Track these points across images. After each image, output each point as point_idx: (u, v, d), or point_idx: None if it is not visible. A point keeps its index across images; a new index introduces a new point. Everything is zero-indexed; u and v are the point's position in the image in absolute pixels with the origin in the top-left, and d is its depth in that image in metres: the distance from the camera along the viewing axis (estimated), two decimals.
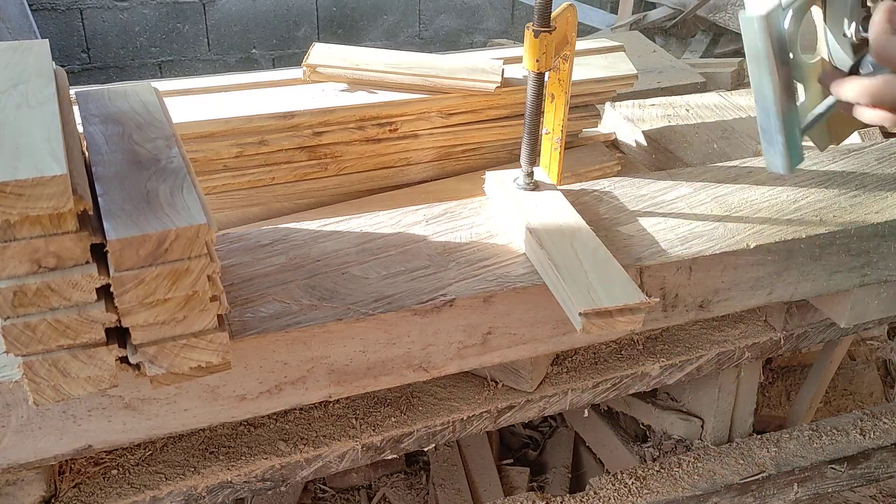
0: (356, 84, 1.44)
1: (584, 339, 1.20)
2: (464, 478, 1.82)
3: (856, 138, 1.66)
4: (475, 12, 4.90)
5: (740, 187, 1.32)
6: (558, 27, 1.12)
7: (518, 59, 1.54)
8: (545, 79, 1.15)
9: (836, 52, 1.01)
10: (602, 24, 4.33)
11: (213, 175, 1.38)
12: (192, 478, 1.12)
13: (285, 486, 1.18)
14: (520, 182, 1.21)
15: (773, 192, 1.31)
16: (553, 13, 1.10)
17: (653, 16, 4.19)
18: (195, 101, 1.37)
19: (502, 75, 1.46)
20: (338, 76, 1.44)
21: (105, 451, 1.13)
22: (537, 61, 1.10)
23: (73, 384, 0.82)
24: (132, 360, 0.83)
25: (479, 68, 1.46)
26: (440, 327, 1.05)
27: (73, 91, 1.08)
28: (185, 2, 4.28)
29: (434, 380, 1.26)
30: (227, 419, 1.01)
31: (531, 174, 1.21)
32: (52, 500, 1.07)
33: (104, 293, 0.78)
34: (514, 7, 4.94)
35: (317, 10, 4.54)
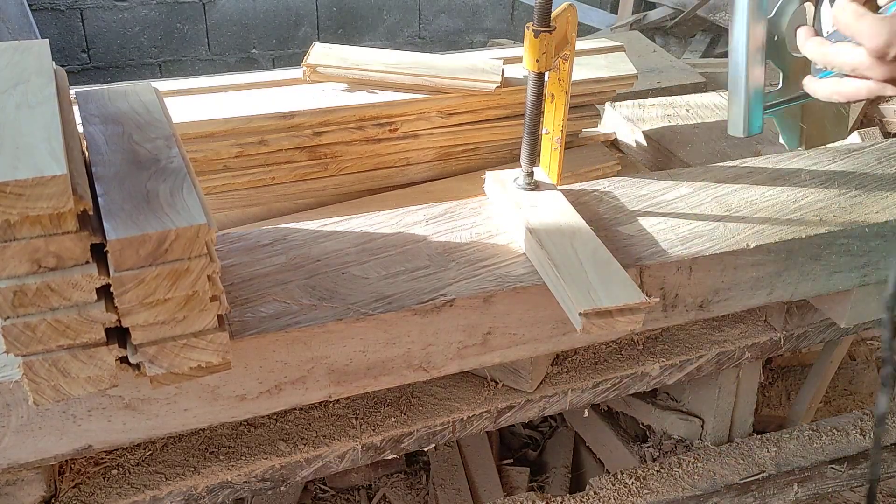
0: (356, 84, 1.44)
1: (584, 339, 1.20)
2: (464, 478, 1.82)
3: (855, 138, 1.66)
4: (475, 12, 4.90)
5: (740, 187, 1.32)
6: (558, 27, 1.12)
7: (518, 59, 1.54)
8: (545, 79, 1.15)
9: None
10: (602, 24, 4.33)
11: (213, 175, 1.38)
12: (192, 478, 1.12)
13: (285, 486, 1.18)
14: (520, 182, 1.21)
15: (773, 192, 1.31)
16: (553, 13, 1.10)
17: (653, 16, 4.20)
18: (195, 101, 1.37)
19: (502, 75, 1.46)
20: (338, 76, 1.44)
21: (105, 451, 1.13)
22: (537, 61, 1.10)
23: (73, 384, 0.82)
24: (132, 360, 0.83)
25: (479, 68, 1.46)
26: (440, 327, 1.05)
27: (73, 91, 1.08)
28: (185, 2, 4.28)
29: (434, 380, 1.26)
30: (227, 419, 1.01)
31: (531, 174, 1.21)
32: (52, 500, 1.07)
33: (104, 293, 0.78)
34: (514, 7, 4.94)
35: (317, 10, 4.54)
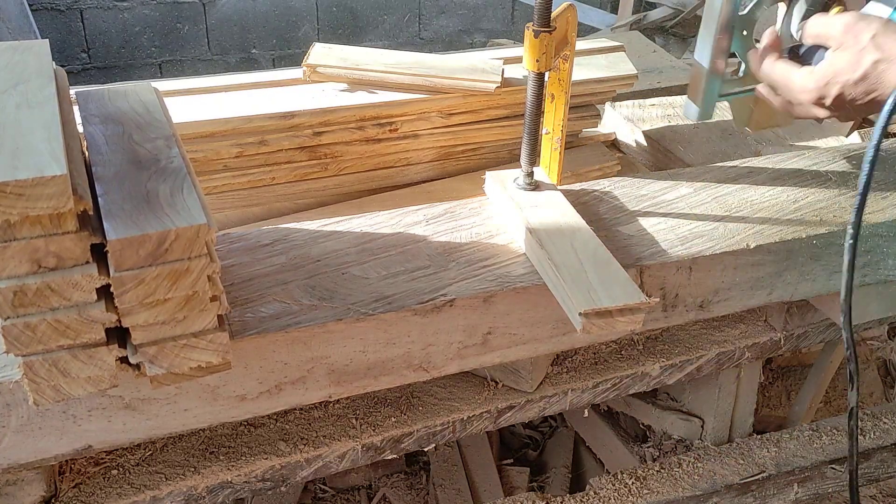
0: (356, 84, 1.44)
1: (584, 339, 1.20)
2: (464, 478, 1.82)
3: (856, 138, 1.66)
4: (475, 12, 4.90)
5: (740, 187, 1.32)
6: (558, 27, 1.12)
7: (518, 59, 1.54)
8: (545, 79, 1.15)
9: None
10: (602, 24, 4.32)
11: (213, 175, 1.38)
12: (192, 478, 1.12)
13: (285, 486, 1.18)
14: (520, 182, 1.21)
15: (773, 192, 1.31)
16: (553, 13, 1.10)
17: (653, 16, 4.19)
18: (195, 101, 1.37)
19: (502, 75, 1.46)
20: (338, 76, 1.44)
21: (105, 451, 1.13)
22: (537, 61, 1.10)
23: (74, 384, 0.82)
24: (132, 360, 0.83)
25: (479, 68, 1.46)
26: (440, 327, 1.05)
27: (73, 91, 1.08)
28: (185, 2, 4.28)
29: (434, 380, 1.26)
30: (227, 419, 1.01)
31: (531, 174, 1.21)
32: (52, 500, 1.07)
33: (104, 293, 0.78)
34: (514, 7, 4.94)
35: (317, 10, 4.54)
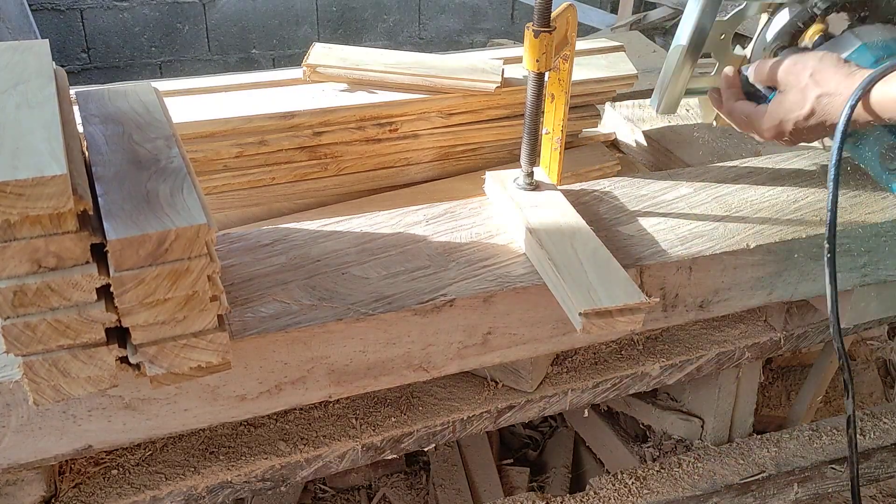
0: (356, 84, 1.44)
1: (584, 339, 1.20)
2: (464, 478, 1.82)
3: None
4: (475, 12, 4.90)
5: (740, 187, 1.32)
6: (558, 27, 1.12)
7: (518, 59, 1.54)
8: (545, 79, 1.15)
9: (754, 57, 1.30)
10: (602, 24, 4.32)
11: (213, 175, 1.38)
12: (192, 478, 1.12)
13: (285, 486, 1.18)
14: (520, 182, 1.21)
15: (773, 192, 1.31)
16: (553, 13, 1.10)
17: (653, 16, 4.19)
18: (195, 101, 1.37)
19: (502, 75, 1.46)
20: (338, 76, 1.44)
21: (105, 451, 1.13)
22: (537, 61, 1.10)
23: (74, 384, 0.82)
24: (132, 360, 0.83)
25: (479, 68, 1.46)
26: (440, 327, 1.05)
27: (73, 91, 1.08)
28: (185, 2, 4.28)
29: (434, 380, 1.26)
30: (227, 419, 1.01)
31: (531, 174, 1.21)
32: (52, 500, 1.07)
33: (104, 293, 0.78)
34: (514, 7, 4.94)
35: (317, 10, 4.54)
